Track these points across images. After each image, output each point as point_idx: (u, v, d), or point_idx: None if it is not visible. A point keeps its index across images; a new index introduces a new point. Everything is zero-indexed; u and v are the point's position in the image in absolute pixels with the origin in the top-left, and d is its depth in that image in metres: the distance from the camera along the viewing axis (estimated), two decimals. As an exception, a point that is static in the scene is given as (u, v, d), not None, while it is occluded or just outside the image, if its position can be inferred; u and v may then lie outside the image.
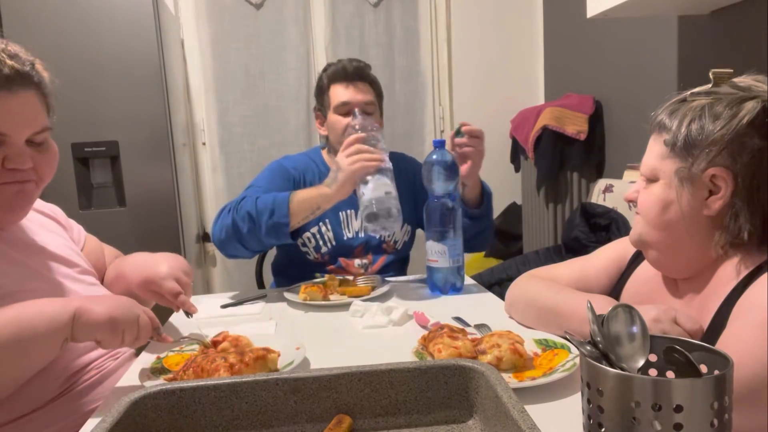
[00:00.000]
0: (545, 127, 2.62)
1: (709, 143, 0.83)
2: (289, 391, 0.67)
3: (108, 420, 0.58)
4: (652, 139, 0.93)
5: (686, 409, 0.52)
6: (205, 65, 3.06)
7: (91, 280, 1.11)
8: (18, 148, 0.89)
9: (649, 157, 0.93)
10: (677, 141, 0.86)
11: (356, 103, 1.62)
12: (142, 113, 2.39)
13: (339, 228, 1.69)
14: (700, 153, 0.84)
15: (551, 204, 2.73)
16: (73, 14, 2.30)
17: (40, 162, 0.94)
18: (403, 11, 3.20)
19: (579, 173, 2.66)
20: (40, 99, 0.93)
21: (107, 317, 0.85)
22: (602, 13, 1.90)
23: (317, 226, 1.68)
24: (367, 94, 1.65)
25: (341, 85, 1.64)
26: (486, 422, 0.66)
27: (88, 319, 0.84)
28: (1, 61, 0.87)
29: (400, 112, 3.24)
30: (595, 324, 0.61)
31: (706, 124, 0.84)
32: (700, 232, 0.88)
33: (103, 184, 2.42)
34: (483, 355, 0.89)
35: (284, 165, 1.71)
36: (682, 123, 0.86)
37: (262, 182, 1.63)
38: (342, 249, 1.69)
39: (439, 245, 1.36)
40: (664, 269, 0.98)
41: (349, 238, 1.69)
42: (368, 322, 1.20)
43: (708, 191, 0.85)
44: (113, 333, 0.85)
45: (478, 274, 1.94)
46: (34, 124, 0.91)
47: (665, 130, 0.89)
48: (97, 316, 0.84)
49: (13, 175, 0.90)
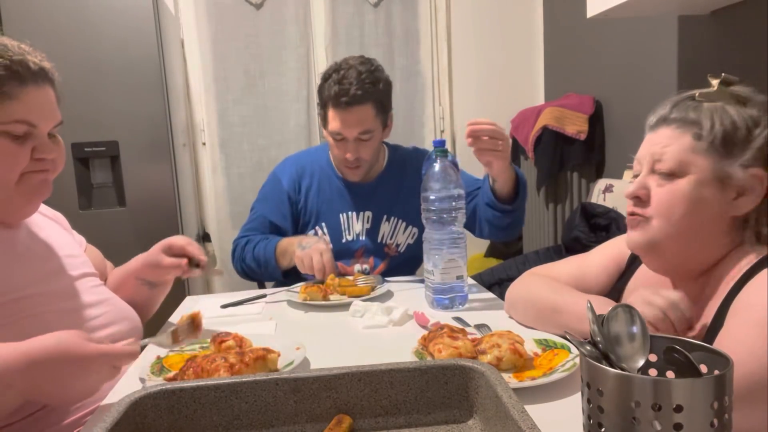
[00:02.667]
0: (545, 127, 2.62)
1: (751, 142, 0.83)
2: (289, 391, 0.67)
3: (108, 420, 0.58)
4: (666, 132, 0.89)
5: (686, 409, 0.52)
6: (205, 65, 3.06)
7: (95, 281, 1.12)
8: (44, 138, 0.95)
9: (674, 149, 0.86)
10: (715, 137, 0.84)
11: (349, 135, 1.58)
12: (142, 113, 2.39)
13: (338, 230, 1.69)
14: (742, 151, 0.83)
15: (551, 204, 2.73)
16: (73, 14, 2.30)
17: (57, 153, 0.99)
18: (403, 11, 3.20)
19: (579, 173, 2.66)
20: (56, 96, 0.99)
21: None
22: (602, 13, 1.90)
23: (316, 229, 1.68)
24: (363, 122, 1.57)
25: (338, 111, 1.57)
26: (486, 422, 0.66)
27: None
28: (27, 57, 0.93)
29: (400, 112, 3.23)
30: (595, 324, 0.61)
31: (744, 123, 0.84)
32: (719, 232, 0.87)
33: (103, 184, 2.42)
34: (483, 355, 0.89)
35: (278, 177, 1.73)
36: (716, 120, 0.84)
37: (260, 206, 1.74)
38: (342, 252, 1.68)
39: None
40: (669, 273, 0.95)
41: (349, 241, 1.69)
42: (368, 322, 1.20)
43: (736, 192, 0.84)
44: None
45: (478, 274, 1.94)
46: (55, 116, 0.98)
47: (692, 125, 0.86)
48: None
49: (37, 164, 0.95)
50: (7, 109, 0.90)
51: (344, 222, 1.69)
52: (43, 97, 0.95)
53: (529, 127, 2.74)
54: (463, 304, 1.30)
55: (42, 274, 0.99)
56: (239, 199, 3.16)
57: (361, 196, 1.71)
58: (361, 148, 1.60)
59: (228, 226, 3.15)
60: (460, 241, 1.29)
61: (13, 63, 0.90)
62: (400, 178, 1.73)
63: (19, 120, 0.91)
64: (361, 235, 1.67)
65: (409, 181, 1.69)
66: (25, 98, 0.91)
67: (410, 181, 1.66)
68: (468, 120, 1.35)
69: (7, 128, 0.90)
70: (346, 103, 1.54)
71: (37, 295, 0.95)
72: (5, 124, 0.90)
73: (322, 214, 1.70)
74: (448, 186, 1.27)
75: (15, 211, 0.98)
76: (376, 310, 1.23)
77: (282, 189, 1.71)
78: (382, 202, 1.71)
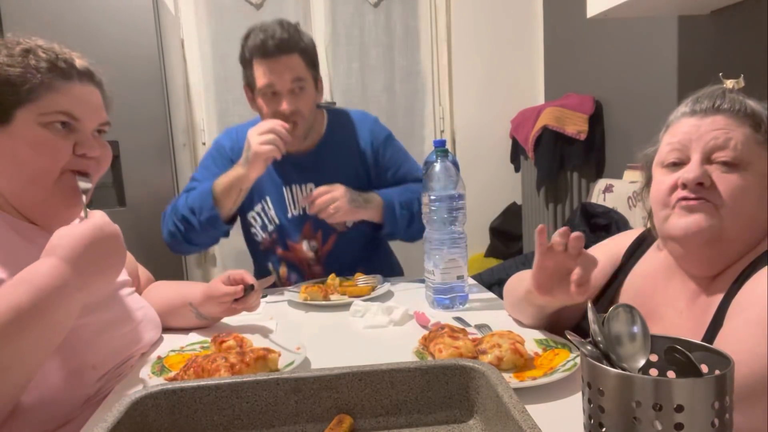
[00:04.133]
0: (545, 127, 2.62)
1: None
2: (290, 391, 0.67)
3: (108, 420, 0.58)
4: (720, 120, 0.84)
5: (687, 409, 0.52)
6: (205, 65, 3.07)
7: (128, 290, 1.11)
8: (88, 135, 0.95)
9: (737, 140, 0.82)
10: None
11: (281, 85, 1.45)
12: (142, 113, 2.39)
13: (283, 205, 1.59)
14: None
15: (551, 204, 2.73)
16: (73, 14, 2.30)
17: (103, 155, 0.98)
18: (403, 11, 3.20)
19: (579, 173, 2.66)
20: (104, 99, 1.00)
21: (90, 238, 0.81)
22: (602, 13, 1.90)
23: (260, 204, 1.60)
24: (294, 69, 1.45)
25: (265, 61, 1.44)
26: (487, 422, 0.66)
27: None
28: (73, 56, 0.95)
29: (400, 112, 3.24)
30: (596, 324, 0.61)
31: None
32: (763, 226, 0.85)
33: (103, 184, 2.42)
34: (484, 354, 0.89)
35: (221, 143, 1.63)
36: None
37: (200, 174, 1.61)
38: (289, 227, 1.60)
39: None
40: (702, 267, 0.90)
41: (295, 216, 1.59)
42: (369, 322, 1.20)
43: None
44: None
45: (478, 274, 1.94)
46: (101, 115, 0.98)
47: (749, 116, 0.84)
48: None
49: (80, 162, 0.94)
50: (50, 101, 0.90)
51: (288, 196, 1.59)
52: (88, 95, 0.96)
53: (529, 127, 2.74)
54: (464, 304, 1.30)
55: None
56: (239, 199, 3.15)
57: (302, 166, 1.59)
58: (296, 100, 1.47)
59: (228, 226, 3.14)
60: (461, 241, 1.29)
61: (58, 59, 0.92)
62: (342, 144, 1.60)
63: (61, 111, 0.91)
64: (308, 208, 1.53)
65: (352, 146, 1.59)
66: (69, 92, 0.92)
67: (353, 147, 1.57)
68: (468, 120, 1.37)
69: (49, 119, 0.90)
70: (274, 47, 1.43)
71: None
72: (47, 115, 0.90)
73: (265, 188, 1.59)
74: (448, 186, 1.27)
75: (53, 215, 0.95)
76: (377, 310, 1.23)
77: (226, 155, 1.59)
78: (324, 171, 1.57)
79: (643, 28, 2.29)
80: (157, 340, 1.12)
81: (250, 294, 1.14)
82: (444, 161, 1.29)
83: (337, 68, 3.16)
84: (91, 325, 0.93)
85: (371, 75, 3.18)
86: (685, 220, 0.84)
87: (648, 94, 2.29)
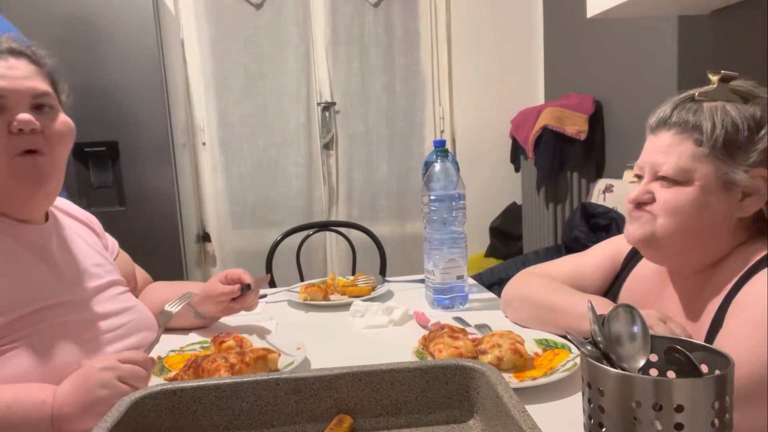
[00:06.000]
0: (545, 127, 2.62)
1: (755, 145, 0.83)
2: (290, 391, 0.67)
3: (108, 420, 0.58)
4: (666, 137, 0.88)
5: (687, 409, 0.52)
6: (205, 65, 3.07)
7: (120, 290, 1.09)
8: (19, 110, 0.88)
9: (676, 157, 0.86)
10: (717, 142, 0.83)
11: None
12: (142, 113, 2.39)
13: None
14: (745, 155, 0.83)
15: (551, 204, 2.73)
16: (73, 14, 2.30)
17: (49, 129, 0.92)
18: (403, 11, 3.20)
19: (579, 173, 2.66)
20: (38, 70, 0.94)
21: (84, 412, 0.78)
22: (602, 13, 1.90)
23: None
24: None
25: None
26: (487, 422, 0.66)
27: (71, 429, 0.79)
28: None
29: (400, 112, 3.24)
30: (596, 324, 0.61)
31: (745, 125, 0.83)
32: (725, 232, 0.87)
33: (103, 184, 2.42)
34: (484, 354, 0.89)
35: None
36: (717, 123, 0.84)
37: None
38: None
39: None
40: (669, 266, 0.97)
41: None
42: (369, 322, 1.20)
43: (742, 193, 0.84)
44: (98, 415, 0.74)
45: (478, 274, 1.94)
46: (29, 85, 0.90)
47: (693, 129, 0.85)
48: (76, 420, 0.78)
49: (20, 141, 0.88)
50: None
51: None
52: (13, 68, 0.89)
53: (529, 127, 2.74)
54: (464, 304, 1.30)
55: (68, 283, 0.97)
56: (239, 198, 3.16)
57: None
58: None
59: (228, 226, 3.15)
60: (461, 241, 1.29)
61: None
62: None
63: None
64: None
65: None
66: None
67: None
68: (468, 120, 1.36)
69: None
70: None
71: (59, 305, 0.92)
72: None
73: None
74: (448, 186, 1.27)
75: (12, 199, 0.92)
76: (377, 310, 1.23)
77: None
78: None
79: (643, 28, 2.29)
80: (152, 341, 1.10)
81: (247, 293, 1.14)
82: (444, 161, 1.29)
83: (337, 68, 3.16)
84: (71, 323, 0.92)
85: (371, 75, 3.18)
86: (628, 229, 0.95)
87: (648, 94, 2.29)
